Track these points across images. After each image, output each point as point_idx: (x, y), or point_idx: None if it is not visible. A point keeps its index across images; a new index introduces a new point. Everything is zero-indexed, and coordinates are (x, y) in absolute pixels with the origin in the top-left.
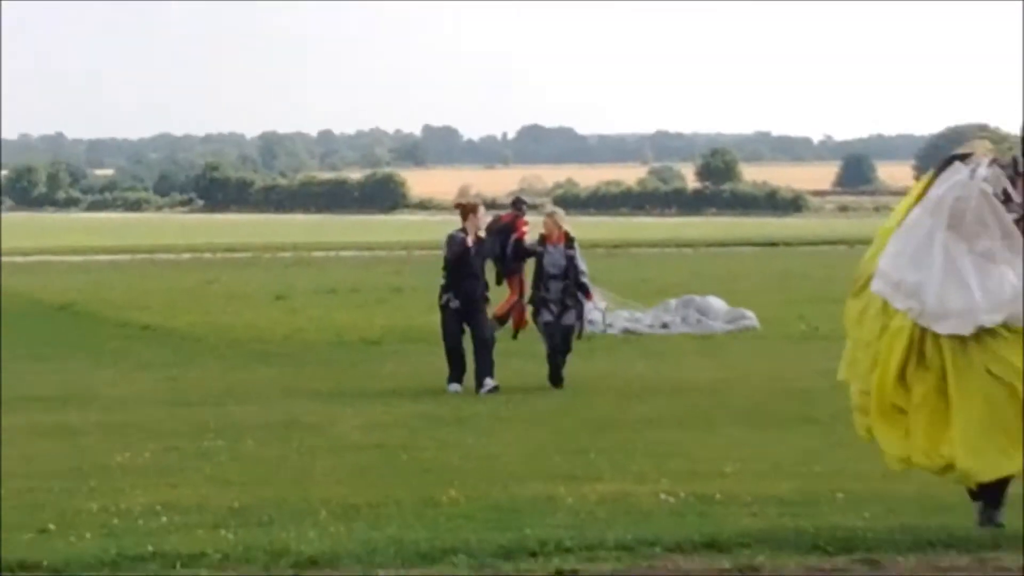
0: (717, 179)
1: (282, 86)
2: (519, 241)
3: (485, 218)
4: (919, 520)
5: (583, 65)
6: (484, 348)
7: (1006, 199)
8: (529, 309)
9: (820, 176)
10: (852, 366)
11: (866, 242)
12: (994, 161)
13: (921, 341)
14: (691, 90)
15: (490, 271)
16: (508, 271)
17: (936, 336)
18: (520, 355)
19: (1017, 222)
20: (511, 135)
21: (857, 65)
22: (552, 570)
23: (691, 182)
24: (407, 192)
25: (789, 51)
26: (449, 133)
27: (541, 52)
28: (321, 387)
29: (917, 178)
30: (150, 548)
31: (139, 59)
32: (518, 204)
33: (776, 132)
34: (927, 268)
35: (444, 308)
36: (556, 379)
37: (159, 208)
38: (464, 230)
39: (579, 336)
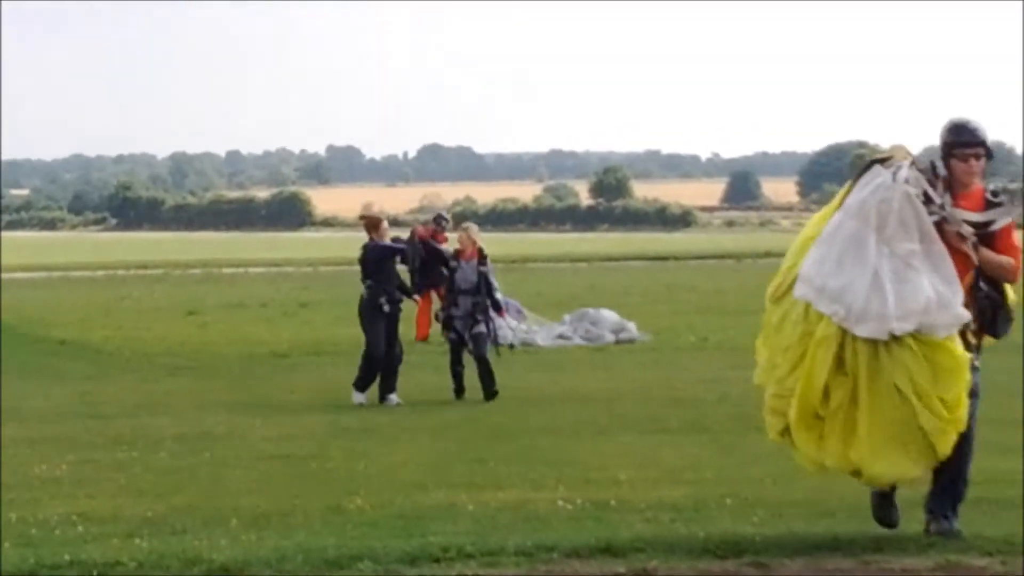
0: (610, 196)
1: (191, 107)
2: (436, 248)
3: (388, 232)
4: (806, 525)
5: (480, 86)
6: (398, 362)
7: (927, 201)
8: (439, 324)
9: (708, 192)
10: (769, 371)
11: (752, 256)
12: (913, 164)
13: (841, 347)
14: (584, 110)
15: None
16: (426, 283)
17: (855, 340)
18: (423, 367)
19: (937, 225)
20: (412, 154)
21: (742, 86)
22: (455, 575)
23: (584, 199)
24: (312, 210)
25: (676, 72)
26: (352, 152)
27: (439, 72)
28: (232, 399)
29: (800, 194)
30: (67, 557)
31: (52, 81)
32: (439, 220)
33: (666, 150)
34: (851, 272)
35: (377, 312)
36: (489, 389)
37: (74, 227)
38: (373, 240)
39: (511, 347)
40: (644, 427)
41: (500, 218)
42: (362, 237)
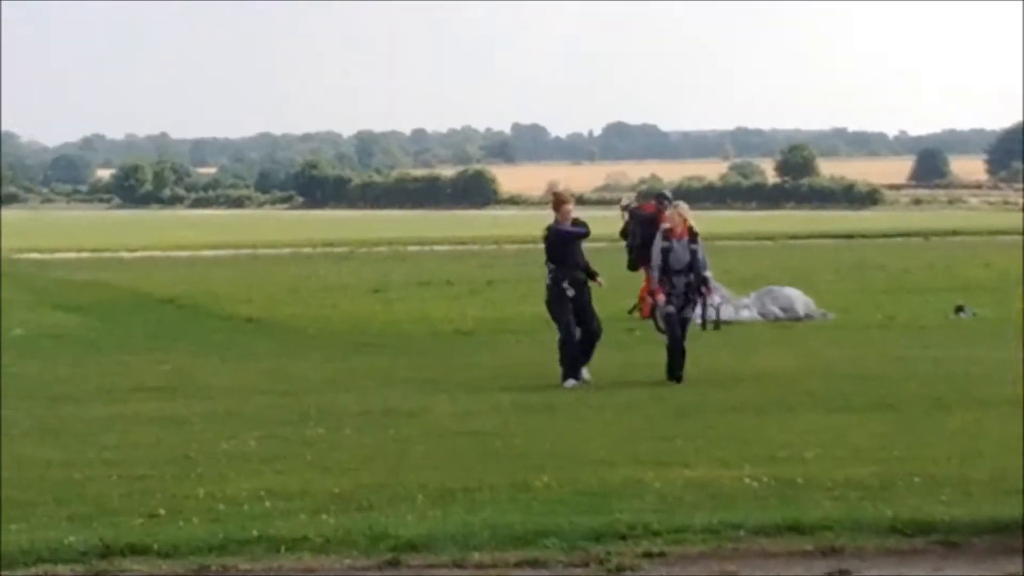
0: (796, 174)
1: (376, 85)
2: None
3: (571, 214)
4: (993, 503)
5: (666, 63)
6: (595, 339)
7: None
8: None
9: (895, 170)
10: None
11: (940, 234)
12: None
13: None
14: (770, 87)
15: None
16: (642, 259)
17: None
18: (607, 345)
19: None
20: (597, 132)
21: (929, 62)
22: (641, 552)
23: (771, 177)
24: (497, 188)
25: (863, 48)
26: (537, 131)
27: (625, 51)
28: (417, 376)
29: (989, 172)
30: (255, 532)
31: (239, 61)
32: (661, 199)
33: (852, 128)
34: None
35: (562, 296)
36: (677, 371)
37: (260, 205)
38: (557, 222)
39: (716, 327)
40: (830, 405)
41: (686, 196)
42: (548, 216)
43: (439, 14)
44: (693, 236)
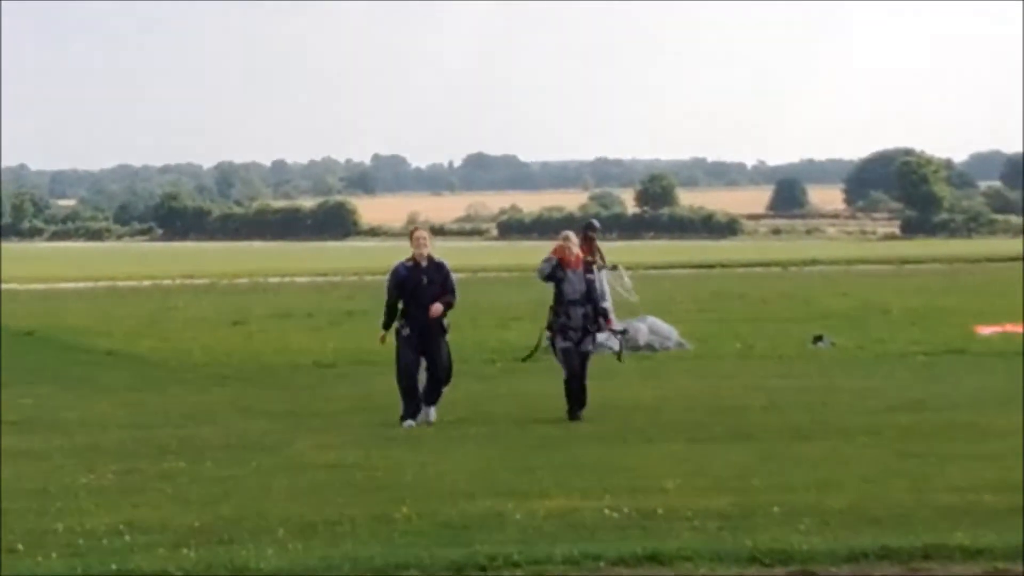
0: (655, 204)
1: (235, 117)
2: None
3: (426, 247)
4: (853, 533)
5: (526, 94)
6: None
7: None
8: (546, 335)
9: (754, 200)
10: None
11: (798, 264)
12: None
13: None
14: (629, 118)
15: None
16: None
17: None
18: (467, 375)
19: None
20: (457, 163)
21: (788, 93)
22: None
23: (630, 207)
24: (358, 219)
25: (724, 81)
26: (397, 161)
27: (484, 82)
28: (277, 409)
29: (847, 201)
30: (114, 567)
31: (98, 92)
32: (589, 228)
33: (711, 158)
34: None
35: (397, 335)
36: (576, 409)
37: (120, 237)
38: (411, 258)
39: (618, 358)
40: (691, 435)
41: (546, 227)
42: (408, 247)
43: (297, 46)
44: (588, 266)
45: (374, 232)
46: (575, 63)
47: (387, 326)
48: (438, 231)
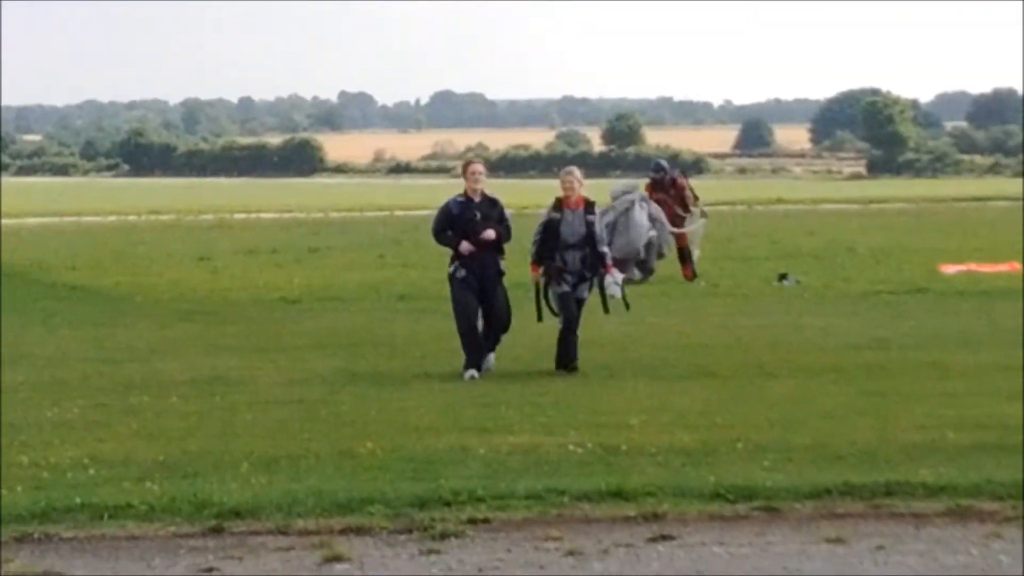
0: (622, 143)
1: (203, 53)
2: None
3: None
4: (816, 469)
5: (493, 32)
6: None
7: None
8: (542, 280)
9: (720, 139)
10: None
11: (764, 203)
12: None
13: None
14: (596, 57)
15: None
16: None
17: None
18: (434, 313)
19: None
20: (424, 101)
21: (754, 31)
22: (465, 518)
23: (597, 146)
24: (324, 156)
25: (688, 18)
26: (364, 99)
27: (452, 19)
28: (243, 344)
29: (813, 141)
30: (78, 500)
31: (63, 28)
32: (658, 169)
33: (678, 97)
34: None
35: (451, 279)
36: (571, 358)
37: (86, 173)
38: (464, 194)
39: (627, 307)
40: (655, 372)
41: (512, 165)
42: (374, 184)
43: None
44: (589, 206)
45: (340, 169)
46: (542, 2)
47: (455, 246)
48: (404, 168)
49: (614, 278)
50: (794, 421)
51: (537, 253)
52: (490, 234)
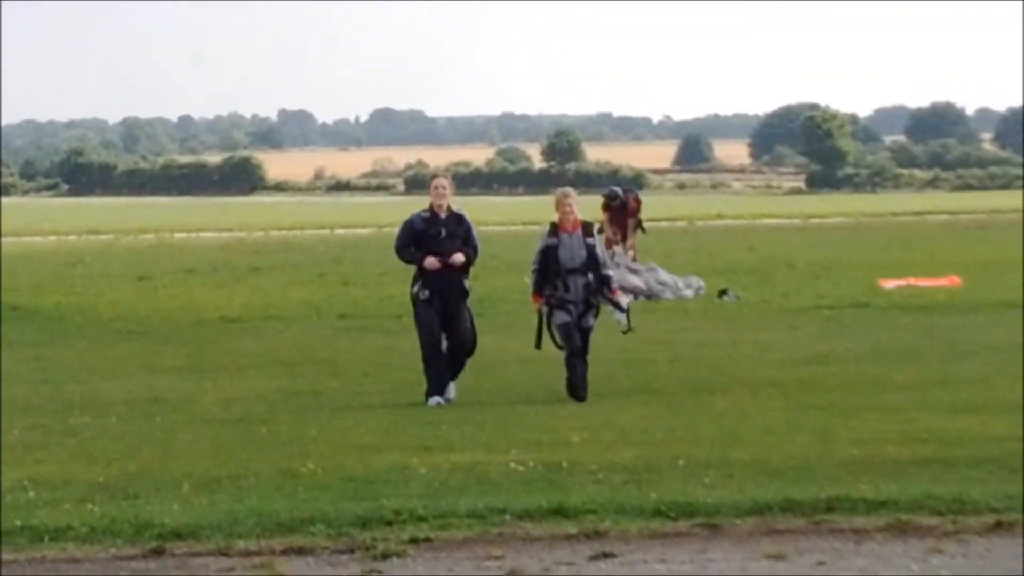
0: (562, 159)
1: (142, 73)
2: None
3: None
4: (756, 485)
5: (432, 49)
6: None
7: None
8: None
9: (660, 155)
10: None
11: (704, 218)
12: None
13: None
14: (535, 73)
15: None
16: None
17: None
18: (374, 331)
19: None
20: (363, 118)
21: (693, 47)
22: (407, 538)
23: (537, 162)
24: (264, 175)
25: (628, 34)
26: (304, 117)
27: (392, 36)
28: (182, 364)
29: (752, 156)
30: (18, 523)
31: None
32: (613, 196)
33: (617, 113)
34: None
35: (414, 301)
36: (580, 389)
37: (25, 192)
38: (429, 209)
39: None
40: (596, 389)
41: (453, 182)
42: (315, 202)
43: (205, 1)
44: (587, 228)
45: (280, 187)
46: (480, 19)
47: (419, 263)
48: (344, 186)
49: (621, 303)
50: (734, 437)
51: (537, 282)
52: (458, 258)
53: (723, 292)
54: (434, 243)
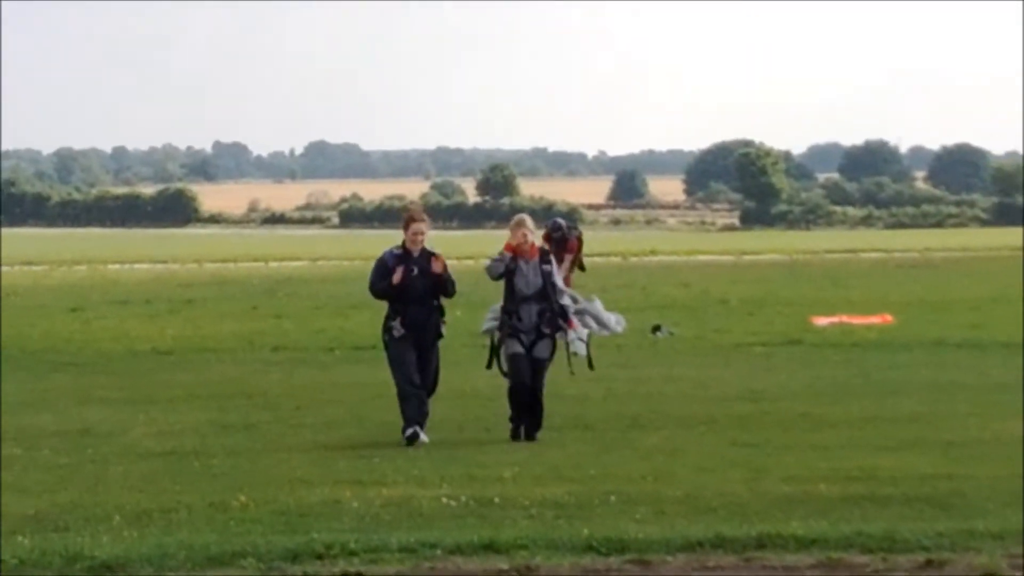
0: (496, 193)
1: (76, 103)
2: None
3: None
4: (687, 522)
5: (367, 83)
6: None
7: None
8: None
9: (594, 190)
10: None
11: (638, 254)
12: None
13: None
14: (470, 108)
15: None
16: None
17: None
18: (307, 364)
19: None
20: (299, 151)
21: (627, 84)
22: (338, 572)
23: (471, 196)
24: (198, 207)
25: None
26: (239, 149)
27: (327, 70)
28: (115, 396)
29: (687, 192)
30: None
31: None
32: (556, 228)
33: (552, 148)
34: None
35: (387, 338)
36: (531, 426)
37: None
38: (402, 246)
39: (591, 366)
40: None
41: (387, 215)
42: (249, 235)
43: (139, 34)
44: (544, 256)
45: (214, 219)
46: (416, 54)
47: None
48: (279, 219)
49: (577, 334)
50: (666, 473)
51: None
52: (440, 264)
53: (656, 328)
54: (407, 280)
